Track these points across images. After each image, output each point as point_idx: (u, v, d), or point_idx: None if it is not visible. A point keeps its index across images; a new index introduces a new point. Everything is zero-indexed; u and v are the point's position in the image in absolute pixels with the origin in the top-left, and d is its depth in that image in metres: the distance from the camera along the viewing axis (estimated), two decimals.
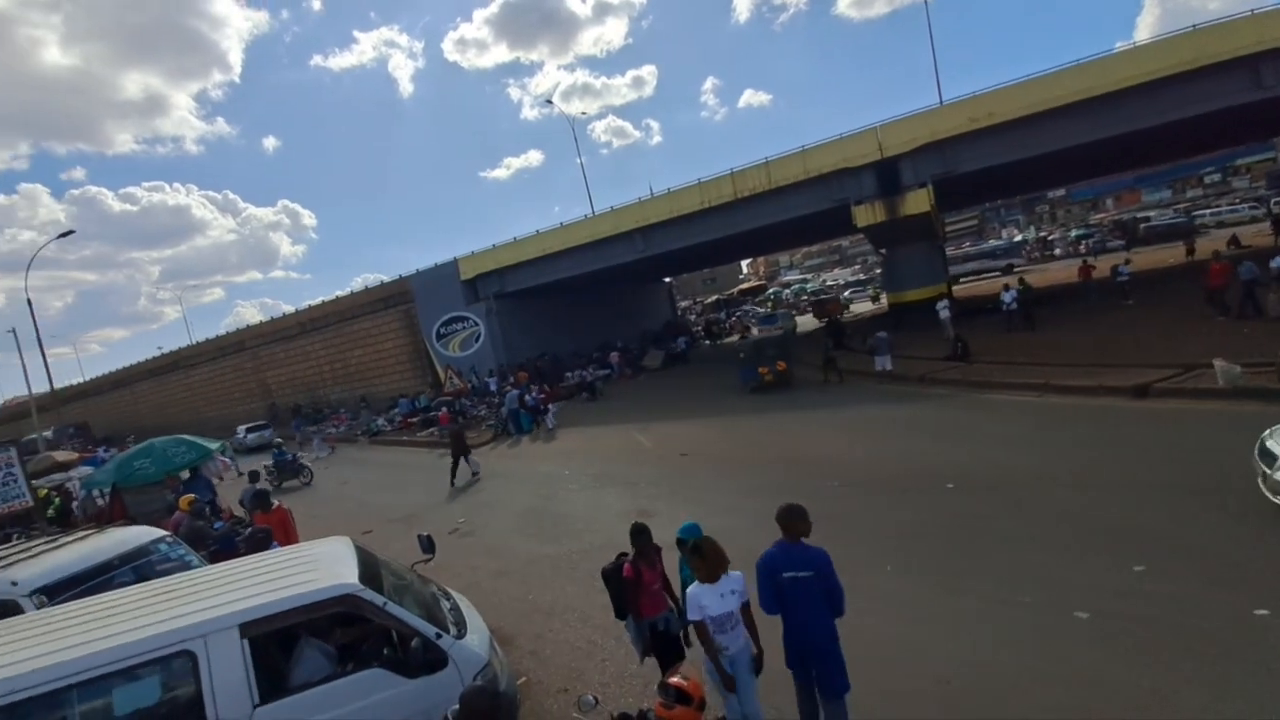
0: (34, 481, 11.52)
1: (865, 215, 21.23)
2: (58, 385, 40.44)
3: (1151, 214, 45.25)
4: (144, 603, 4.06)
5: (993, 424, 10.81)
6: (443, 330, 30.31)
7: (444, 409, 23.46)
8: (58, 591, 5.24)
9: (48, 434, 32.70)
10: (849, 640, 3.89)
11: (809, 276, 75.20)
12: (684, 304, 61.84)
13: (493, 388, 26.37)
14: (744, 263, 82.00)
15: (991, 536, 6.62)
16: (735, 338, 31.75)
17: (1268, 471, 5.87)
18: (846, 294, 44.74)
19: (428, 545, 5.74)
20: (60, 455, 25.02)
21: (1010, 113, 18.88)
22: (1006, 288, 19.05)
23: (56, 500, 15.34)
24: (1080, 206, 63.09)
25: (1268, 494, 5.84)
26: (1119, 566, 5.55)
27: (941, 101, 21.03)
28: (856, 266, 73.16)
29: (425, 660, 4.02)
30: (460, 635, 4.35)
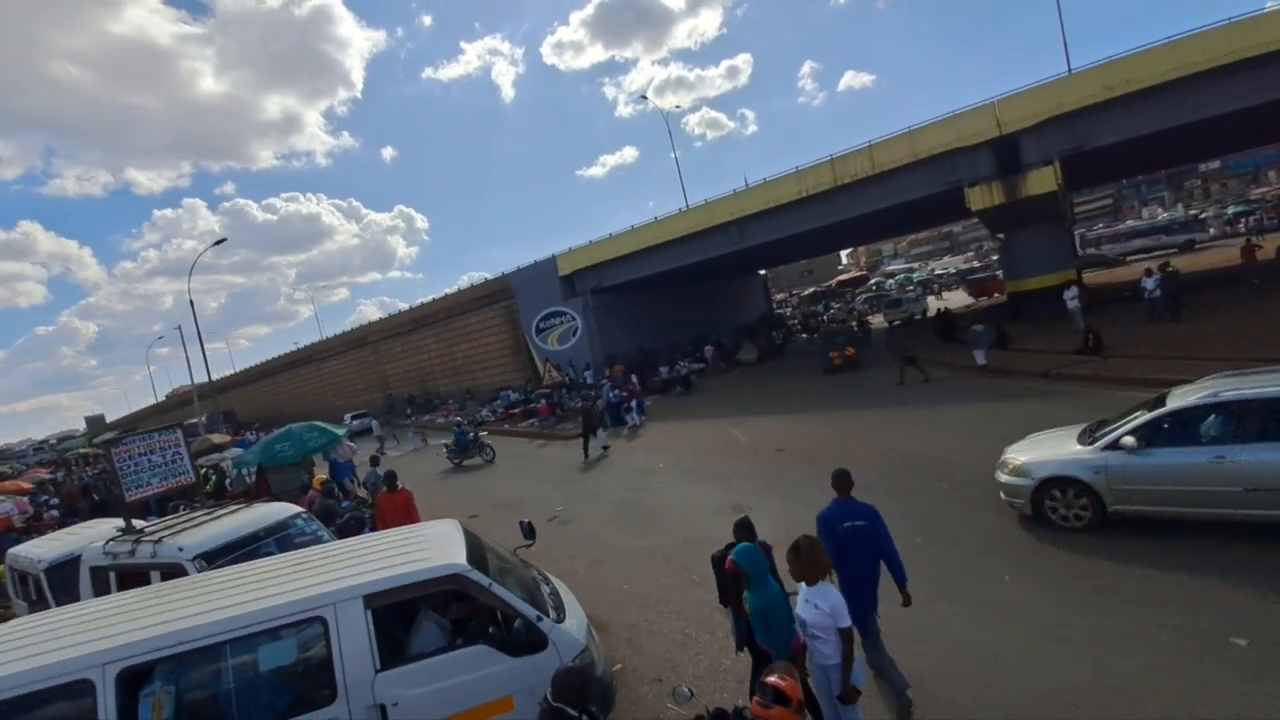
0: (196, 460, 13.11)
1: (980, 198, 19.72)
2: (213, 377, 45.76)
3: None
4: (283, 572, 4.51)
5: None
6: (542, 325, 31.38)
7: (543, 401, 24.31)
8: (214, 558, 5.94)
9: (202, 419, 37.07)
10: (964, 654, 3.72)
11: (915, 265, 71.02)
12: (780, 296, 60.40)
13: (589, 381, 27.04)
14: (843, 253, 78.89)
15: (1132, 550, 5.97)
16: (853, 325, 30.43)
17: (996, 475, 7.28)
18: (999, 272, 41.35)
19: (529, 531, 5.97)
20: (216, 438, 28.27)
21: (1153, 78, 16.82)
22: (1149, 273, 17.08)
23: (213, 477, 17.41)
24: (1239, 180, 55.24)
25: (1002, 495, 7.20)
26: None
27: (1070, 70, 19.09)
28: (970, 253, 68.20)
29: (527, 641, 4.20)
30: (560, 619, 4.50)
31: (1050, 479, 6.67)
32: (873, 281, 56.95)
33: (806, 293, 56.17)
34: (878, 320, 33.74)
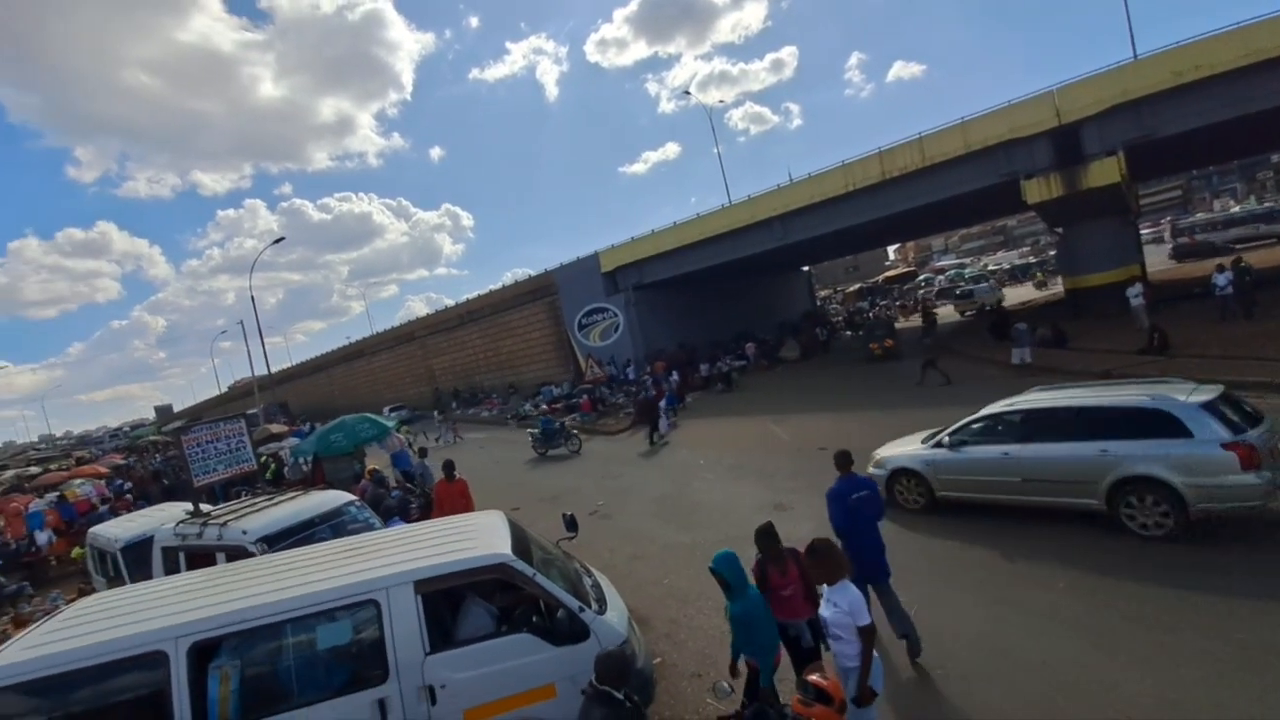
0: (256, 449, 13.76)
1: (1038, 190, 18.94)
2: (272, 369, 47.75)
3: None
4: (339, 557, 4.71)
5: None
6: (584, 321, 31.65)
7: (585, 396, 24.52)
8: (275, 541, 6.24)
9: (260, 410, 38.78)
10: (1016, 662, 3.87)
11: (966, 261, 68.67)
12: (824, 293, 59.33)
13: (631, 377, 27.15)
14: (891, 248, 76.91)
15: (1196, 561, 5.70)
16: (916, 318, 29.54)
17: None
18: None
19: (571, 524, 6.06)
20: (275, 427, 29.55)
21: (1225, 63, 15.81)
22: (1220, 268, 16.14)
23: (273, 465, 18.21)
24: None
25: None
26: None
27: (1135, 56, 18.13)
28: (1025, 248, 65.56)
29: (570, 631, 4.28)
30: (601, 611, 4.58)
31: (898, 470, 8.10)
32: (921, 277, 55.37)
33: (852, 289, 55.00)
34: (946, 311, 32.49)
